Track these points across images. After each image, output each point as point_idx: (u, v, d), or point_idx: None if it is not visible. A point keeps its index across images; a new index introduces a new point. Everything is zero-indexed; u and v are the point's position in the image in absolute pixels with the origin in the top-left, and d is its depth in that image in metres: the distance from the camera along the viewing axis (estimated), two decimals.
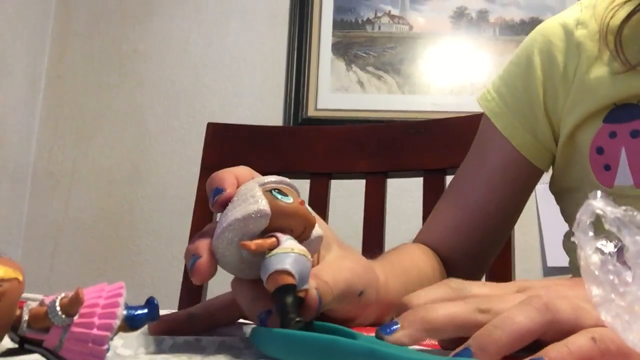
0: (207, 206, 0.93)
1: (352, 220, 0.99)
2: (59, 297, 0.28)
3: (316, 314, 0.35)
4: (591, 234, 0.26)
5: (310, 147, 0.93)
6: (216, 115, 1.81)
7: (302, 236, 0.36)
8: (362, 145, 0.91)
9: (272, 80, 1.83)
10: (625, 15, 0.56)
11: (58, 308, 0.28)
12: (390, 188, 0.91)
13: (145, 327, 0.36)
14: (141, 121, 1.85)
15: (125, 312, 0.29)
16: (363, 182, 0.91)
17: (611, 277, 0.25)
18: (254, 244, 0.34)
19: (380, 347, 0.27)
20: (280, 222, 0.35)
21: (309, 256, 0.35)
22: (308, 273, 0.35)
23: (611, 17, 0.57)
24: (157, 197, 1.80)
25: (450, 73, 1.76)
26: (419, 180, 0.89)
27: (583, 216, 0.26)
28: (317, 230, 0.38)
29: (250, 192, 0.35)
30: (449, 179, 0.79)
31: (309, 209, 0.37)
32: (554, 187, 0.68)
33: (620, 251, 0.25)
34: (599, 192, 0.27)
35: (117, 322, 0.28)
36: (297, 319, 0.33)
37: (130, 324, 0.30)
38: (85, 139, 1.86)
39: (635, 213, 0.26)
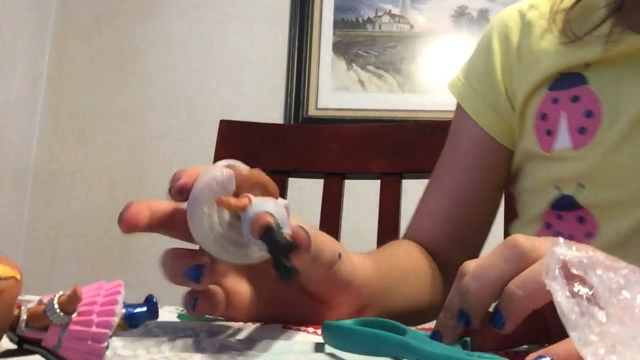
0: None
1: (367, 222, 0.97)
2: (57, 295, 0.28)
3: (308, 256, 0.35)
4: (562, 280, 0.27)
5: (324, 146, 0.91)
6: (217, 114, 1.80)
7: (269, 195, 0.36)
8: (377, 145, 0.89)
9: (273, 79, 1.83)
10: (572, 3, 0.61)
11: (56, 306, 0.28)
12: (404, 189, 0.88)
13: (145, 328, 0.36)
14: (142, 121, 1.85)
15: (124, 310, 0.29)
16: (377, 182, 0.88)
17: (586, 319, 0.25)
18: (229, 199, 0.33)
19: (413, 342, 0.31)
20: (245, 189, 0.35)
21: (286, 202, 0.35)
22: (288, 220, 0.34)
23: (560, 2, 0.62)
24: (158, 197, 1.77)
25: (451, 72, 1.76)
26: None
27: (550, 263, 0.27)
28: (282, 200, 0.36)
29: (211, 168, 0.36)
30: None
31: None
32: (512, 168, 0.69)
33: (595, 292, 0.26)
34: (560, 239, 0.28)
35: (115, 320, 0.28)
36: (290, 265, 0.32)
37: (130, 322, 0.30)
38: (86, 139, 1.86)
39: (597, 254, 0.27)
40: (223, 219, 0.35)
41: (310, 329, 0.42)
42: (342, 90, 1.80)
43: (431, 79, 1.78)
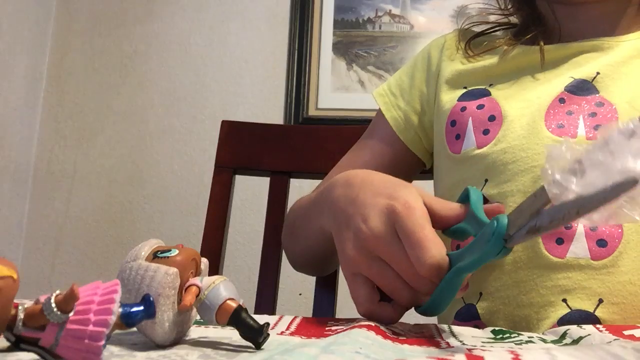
0: (220, 204, 0.93)
1: None
2: (54, 294, 0.28)
3: None
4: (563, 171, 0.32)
5: (324, 146, 0.91)
6: (217, 115, 1.81)
7: (198, 270, 0.40)
8: None
9: (273, 79, 1.83)
10: (469, 37, 0.77)
11: (53, 305, 0.27)
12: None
13: (140, 330, 0.36)
14: (142, 121, 1.85)
15: (121, 310, 0.29)
16: None
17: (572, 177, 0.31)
18: (187, 301, 0.36)
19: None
20: (184, 273, 0.38)
21: (225, 278, 0.39)
22: (235, 290, 0.38)
23: (459, 39, 0.78)
24: (158, 197, 1.80)
25: None
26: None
27: (549, 161, 0.32)
28: (203, 261, 0.41)
29: (144, 267, 0.37)
30: None
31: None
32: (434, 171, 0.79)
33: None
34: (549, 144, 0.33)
35: (112, 319, 0.28)
36: (268, 332, 0.37)
37: (127, 321, 0.30)
38: (86, 139, 1.86)
39: (588, 147, 0.31)
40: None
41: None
42: (342, 91, 1.80)
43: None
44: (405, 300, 0.45)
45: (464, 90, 0.70)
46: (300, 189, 0.98)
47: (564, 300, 0.55)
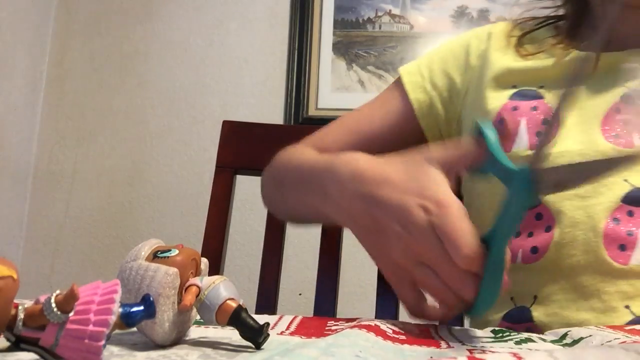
0: (222, 205, 0.93)
1: None
2: (54, 294, 0.28)
3: None
4: None
5: None
6: (217, 115, 1.81)
7: (198, 270, 0.40)
8: None
9: (273, 79, 1.83)
10: (521, 33, 0.74)
11: (53, 305, 0.27)
12: None
13: (140, 330, 0.36)
14: (142, 121, 1.85)
15: (121, 309, 0.29)
16: None
17: None
18: (187, 301, 0.36)
19: None
20: (184, 273, 0.38)
21: (225, 278, 0.39)
22: (235, 290, 0.38)
23: (511, 30, 0.75)
24: (158, 197, 1.80)
25: None
26: None
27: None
28: (203, 261, 0.41)
29: (144, 267, 0.37)
30: None
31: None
32: None
33: None
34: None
35: (113, 318, 0.28)
36: (268, 332, 0.37)
37: (127, 321, 0.30)
38: (86, 139, 1.86)
39: None
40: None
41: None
42: (342, 91, 1.80)
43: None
44: (452, 304, 0.45)
45: (515, 90, 0.68)
46: None
47: (627, 307, 0.54)
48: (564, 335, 0.44)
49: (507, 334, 0.45)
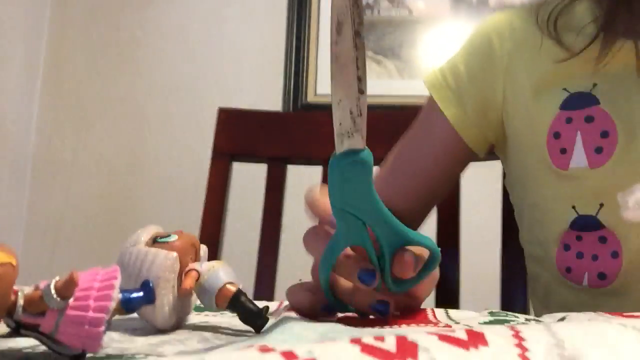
0: (219, 193, 0.94)
1: None
2: (54, 281, 0.28)
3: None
4: None
5: (322, 133, 0.91)
6: (215, 102, 1.79)
7: (197, 256, 0.40)
8: (376, 131, 0.88)
9: (271, 66, 1.82)
10: (553, 19, 0.62)
11: (53, 291, 0.28)
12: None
13: (140, 315, 0.36)
14: (140, 109, 1.85)
15: (120, 295, 0.29)
16: (376, 168, 0.89)
17: None
18: (187, 285, 0.36)
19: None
20: (183, 257, 0.38)
21: (224, 263, 0.39)
22: (234, 274, 0.39)
23: (537, 11, 0.65)
24: (157, 185, 1.80)
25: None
26: None
27: None
28: (202, 247, 0.41)
29: (144, 252, 0.37)
30: None
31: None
32: (508, 180, 0.73)
33: None
34: None
35: (112, 304, 0.28)
36: (267, 316, 0.37)
37: (126, 307, 0.30)
38: (84, 128, 1.86)
39: None
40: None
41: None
42: None
43: (430, 64, 1.77)
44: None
45: (565, 95, 0.60)
46: (298, 175, 0.98)
47: None
48: (562, 319, 0.44)
49: (504, 315, 0.45)
